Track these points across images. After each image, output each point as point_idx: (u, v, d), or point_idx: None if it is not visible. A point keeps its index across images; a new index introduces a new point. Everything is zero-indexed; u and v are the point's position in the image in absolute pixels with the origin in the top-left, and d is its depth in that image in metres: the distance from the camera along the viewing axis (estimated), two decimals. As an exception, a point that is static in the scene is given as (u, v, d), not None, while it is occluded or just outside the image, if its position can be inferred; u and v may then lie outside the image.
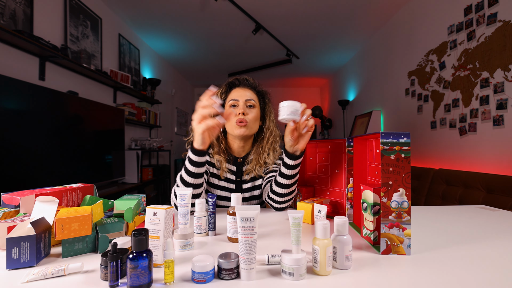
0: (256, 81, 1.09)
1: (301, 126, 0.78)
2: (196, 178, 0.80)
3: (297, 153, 0.83)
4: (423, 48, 2.62)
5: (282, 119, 0.76)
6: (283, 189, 0.87)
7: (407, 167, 0.54)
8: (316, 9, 3.01)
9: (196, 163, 0.78)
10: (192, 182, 0.80)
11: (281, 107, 0.75)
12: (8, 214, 0.62)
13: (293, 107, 0.73)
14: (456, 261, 0.52)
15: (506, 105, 1.77)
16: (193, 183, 0.80)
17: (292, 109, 0.73)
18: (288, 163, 0.84)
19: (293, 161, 0.83)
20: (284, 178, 0.86)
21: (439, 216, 0.87)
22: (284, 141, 0.84)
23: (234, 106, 0.99)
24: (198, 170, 0.79)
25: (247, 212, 0.47)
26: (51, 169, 1.81)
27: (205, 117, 0.72)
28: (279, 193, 0.88)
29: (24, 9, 1.89)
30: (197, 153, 0.77)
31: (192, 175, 0.80)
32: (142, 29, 3.49)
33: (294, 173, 0.85)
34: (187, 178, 0.80)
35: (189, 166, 0.79)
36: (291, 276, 0.45)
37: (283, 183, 0.86)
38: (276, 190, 0.88)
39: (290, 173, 0.84)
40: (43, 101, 1.75)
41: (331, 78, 5.77)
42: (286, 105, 0.74)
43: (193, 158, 0.78)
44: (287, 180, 0.85)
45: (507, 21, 1.76)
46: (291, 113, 0.73)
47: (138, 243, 0.41)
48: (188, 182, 0.80)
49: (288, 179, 0.85)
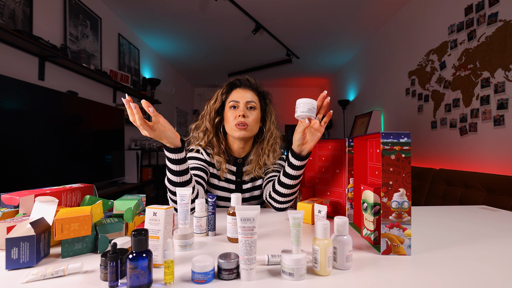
0: (258, 81, 1.08)
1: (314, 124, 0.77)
2: (182, 176, 0.79)
3: (304, 153, 0.82)
4: (423, 48, 2.62)
5: (298, 116, 0.74)
6: (286, 189, 0.87)
7: (408, 167, 0.54)
8: (316, 9, 3.01)
9: (176, 161, 0.77)
10: (180, 180, 0.79)
11: (298, 104, 0.73)
12: (7, 214, 0.61)
13: (311, 105, 0.72)
14: (456, 262, 0.52)
15: (507, 105, 1.76)
16: (181, 181, 0.79)
17: (310, 106, 0.72)
18: (294, 163, 0.83)
19: (299, 161, 0.82)
20: (288, 178, 0.85)
21: (439, 217, 0.87)
22: (293, 140, 0.82)
23: (235, 107, 0.98)
24: (181, 167, 0.78)
25: (247, 212, 0.47)
26: (50, 169, 1.81)
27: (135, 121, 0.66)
28: (282, 193, 0.88)
29: (24, 9, 1.88)
30: (173, 151, 0.76)
31: (177, 173, 0.78)
32: (142, 29, 3.49)
33: (298, 174, 0.84)
34: (174, 178, 0.79)
35: (172, 166, 0.77)
36: (291, 276, 0.44)
37: (287, 183, 0.86)
38: (279, 190, 0.88)
39: (295, 174, 0.84)
40: (43, 101, 1.75)
41: (331, 78, 5.76)
42: (304, 102, 0.72)
43: (172, 157, 0.76)
44: (291, 181, 0.85)
45: (508, 21, 1.76)
46: (308, 110, 0.72)
47: (138, 243, 0.41)
48: (177, 182, 0.79)
49: (292, 179, 0.85)
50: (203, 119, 1.04)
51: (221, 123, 1.06)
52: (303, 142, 0.80)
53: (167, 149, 0.76)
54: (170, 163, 0.77)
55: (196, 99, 6.46)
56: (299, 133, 0.78)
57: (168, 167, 0.78)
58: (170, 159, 0.77)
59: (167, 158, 0.78)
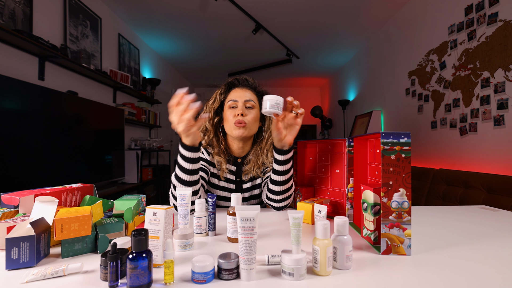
0: (256, 81, 1.08)
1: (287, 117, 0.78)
2: (192, 175, 0.80)
3: (285, 148, 0.83)
4: (423, 48, 2.62)
5: (264, 113, 0.77)
6: (278, 187, 0.87)
7: (408, 167, 0.54)
8: (316, 9, 3.01)
9: (190, 160, 0.78)
10: (189, 179, 0.80)
11: (264, 101, 0.76)
12: (7, 214, 0.61)
13: (275, 101, 0.75)
14: (456, 262, 0.52)
15: (507, 105, 1.76)
16: (190, 180, 0.80)
17: (274, 103, 0.74)
18: (278, 159, 0.84)
19: (283, 156, 0.83)
20: (277, 175, 0.86)
21: (439, 217, 0.87)
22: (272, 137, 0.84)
23: (233, 107, 0.98)
24: (193, 166, 0.79)
25: (247, 212, 0.47)
26: (50, 169, 1.81)
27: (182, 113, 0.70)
28: (276, 191, 0.88)
29: (24, 9, 1.88)
30: (191, 149, 0.77)
31: (188, 172, 0.79)
32: (142, 29, 3.49)
33: (286, 169, 0.85)
34: (183, 176, 0.79)
35: (184, 164, 0.78)
36: (291, 276, 0.44)
37: (277, 180, 0.86)
38: (272, 188, 0.89)
39: (282, 169, 0.85)
40: (43, 101, 1.75)
41: (331, 78, 5.76)
42: (268, 98, 0.75)
43: (187, 155, 0.77)
44: (280, 177, 0.86)
45: (508, 21, 1.76)
46: (271, 106, 0.74)
47: (137, 243, 0.41)
48: (185, 180, 0.79)
49: (281, 175, 0.85)
50: None
51: (220, 123, 1.06)
52: (281, 137, 0.81)
53: (185, 146, 0.77)
54: (184, 161, 0.78)
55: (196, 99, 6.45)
56: (274, 129, 0.81)
57: (180, 165, 0.79)
58: (185, 157, 0.78)
59: (181, 156, 0.78)
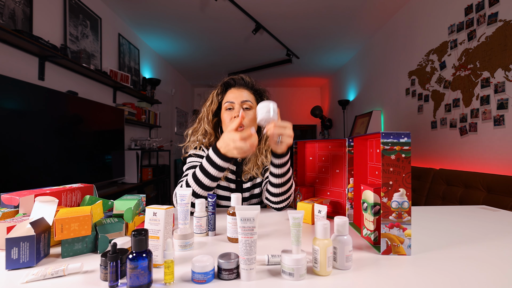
0: (253, 79, 1.05)
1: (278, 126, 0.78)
2: (215, 182, 0.81)
3: (279, 151, 0.82)
4: (423, 48, 2.62)
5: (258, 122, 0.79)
6: (276, 189, 0.87)
7: (408, 167, 0.54)
8: (316, 9, 3.01)
9: (220, 168, 0.78)
10: (210, 185, 0.80)
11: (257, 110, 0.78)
12: (7, 214, 0.61)
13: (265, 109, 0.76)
14: (456, 262, 0.52)
15: (507, 105, 1.76)
16: (211, 186, 0.81)
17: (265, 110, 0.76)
18: (274, 162, 0.84)
19: (279, 159, 0.83)
20: (274, 177, 0.85)
21: (439, 216, 0.87)
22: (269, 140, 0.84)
23: (230, 108, 0.97)
24: (219, 174, 0.79)
25: (247, 212, 0.47)
26: (50, 169, 1.81)
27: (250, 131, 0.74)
28: (274, 193, 0.88)
29: (24, 9, 1.88)
30: (225, 159, 0.77)
31: (212, 178, 0.79)
32: (142, 29, 3.49)
33: (283, 172, 0.84)
34: (206, 181, 0.79)
35: (211, 170, 0.78)
36: (291, 276, 0.44)
37: (275, 183, 0.86)
38: (270, 190, 0.88)
39: (279, 172, 0.84)
40: (43, 101, 1.75)
41: (331, 78, 5.76)
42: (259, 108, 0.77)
43: (219, 162, 0.77)
44: (278, 179, 0.85)
45: (508, 21, 1.76)
46: (261, 120, 0.77)
47: (138, 243, 0.41)
48: (206, 185, 0.80)
49: (279, 178, 0.85)
50: (201, 122, 1.03)
51: (219, 124, 1.05)
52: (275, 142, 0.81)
53: (220, 156, 0.77)
54: (212, 167, 0.78)
55: (196, 99, 6.46)
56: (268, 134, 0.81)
57: (205, 170, 0.79)
58: (215, 164, 0.77)
59: (210, 162, 0.78)
